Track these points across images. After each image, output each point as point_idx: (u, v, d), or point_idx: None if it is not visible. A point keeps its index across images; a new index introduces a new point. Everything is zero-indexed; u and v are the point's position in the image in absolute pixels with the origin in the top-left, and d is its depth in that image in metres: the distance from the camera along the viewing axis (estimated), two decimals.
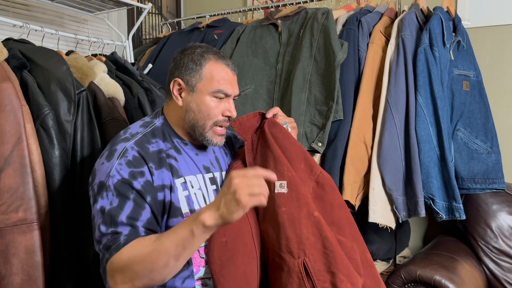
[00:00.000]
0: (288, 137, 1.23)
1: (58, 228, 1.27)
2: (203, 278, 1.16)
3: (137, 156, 1.09)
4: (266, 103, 1.94)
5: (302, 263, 1.07)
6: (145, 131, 1.17)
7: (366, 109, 1.78)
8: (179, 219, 1.11)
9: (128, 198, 1.04)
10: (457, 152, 1.80)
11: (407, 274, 1.65)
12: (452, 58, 1.85)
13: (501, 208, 1.89)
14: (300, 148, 1.22)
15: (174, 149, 1.18)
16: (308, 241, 1.08)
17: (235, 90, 1.19)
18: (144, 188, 1.06)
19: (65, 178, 1.30)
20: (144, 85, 1.73)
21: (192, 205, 1.15)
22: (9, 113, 1.16)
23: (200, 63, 1.16)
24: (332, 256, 1.07)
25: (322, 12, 1.93)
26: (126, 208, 1.02)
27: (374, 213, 1.67)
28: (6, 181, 1.15)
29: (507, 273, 1.84)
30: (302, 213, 1.11)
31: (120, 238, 0.99)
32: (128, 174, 1.06)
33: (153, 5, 2.85)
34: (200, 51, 1.18)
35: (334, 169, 1.72)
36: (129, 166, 1.07)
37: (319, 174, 1.20)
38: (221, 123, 1.18)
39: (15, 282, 1.13)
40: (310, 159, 1.22)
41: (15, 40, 1.53)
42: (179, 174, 1.15)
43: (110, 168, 1.07)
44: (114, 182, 1.05)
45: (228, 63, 1.19)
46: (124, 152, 1.09)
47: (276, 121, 1.26)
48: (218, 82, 1.15)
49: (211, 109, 1.15)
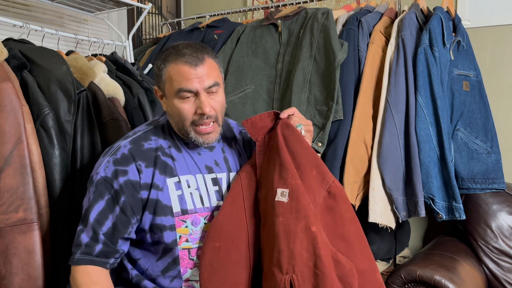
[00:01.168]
0: (301, 141, 1.15)
1: (58, 228, 1.27)
2: (190, 280, 1.16)
3: (126, 154, 1.13)
4: (266, 103, 1.94)
5: (289, 280, 1.00)
6: (147, 129, 1.21)
7: (366, 109, 1.78)
8: (169, 218, 1.13)
9: (102, 198, 1.10)
10: (457, 152, 1.80)
11: (407, 274, 1.65)
12: (452, 58, 1.85)
13: (501, 208, 1.89)
14: (312, 154, 1.15)
15: (174, 148, 1.19)
16: (300, 258, 1.01)
17: (201, 84, 1.10)
18: (122, 188, 1.10)
19: (65, 178, 1.30)
20: (144, 85, 1.73)
21: (184, 205, 1.15)
22: (9, 113, 1.17)
23: (161, 68, 1.14)
24: (321, 278, 0.99)
25: (322, 12, 1.93)
26: (97, 207, 1.10)
27: (374, 213, 1.67)
28: (6, 181, 1.15)
29: (507, 273, 1.84)
30: (299, 226, 1.03)
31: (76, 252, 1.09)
32: (111, 173, 1.11)
33: (153, 5, 2.85)
34: (164, 56, 1.14)
35: (334, 169, 1.72)
36: (115, 164, 1.12)
37: (331, 183, 1.12)
38: (199, 122, 1.12)
39: (15, 282, 1.13)
40: (322, 166, 1.14)
41: (15, 40, 1.53)
42: (174, 173, 1.15)
43: (99, 164, 1.14)
44: (97, 178, 1.12)
45: (187, 59, 1.10)
46: (116, 150, 1.15)
47: (290, 122, 1.17)
48: (176, 81, 1.10)
49: (181, 110, 1.12)
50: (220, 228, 1.12)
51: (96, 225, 1.09)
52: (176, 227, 1.13)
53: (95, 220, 1.09)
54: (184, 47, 1.13)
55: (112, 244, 1.10)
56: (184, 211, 1.14)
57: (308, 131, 1.21)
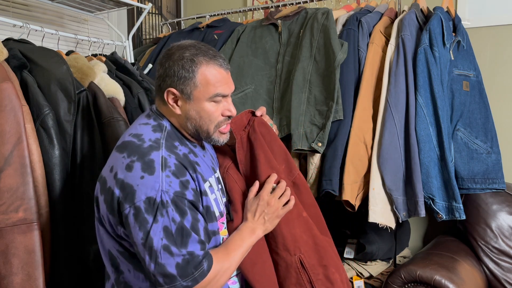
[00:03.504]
0: (275, 138, 1.29)
1: (58, 228, 1.27)
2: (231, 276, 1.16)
3: (177, 164, 1.04)
4: (266, 103, 1.94)
5: (299, 259, 1.20)
6: (164, 136, 1.10)
7: (366, 109, 1.78)
8: (215, 223, 1.11)
9: (186, 213, 1.00)
10: (457, 152, 1.80)
11: (407, 274, 1.66)
12: (452, 58, 1.85)
13: (501, 208, 1.89)
14: (283, 150, 1.30)
15: (192, 153, 1.13)
16: (302, 239, 1.21)
17: (231, 88, 1.14)
18: (195, 197, 1.03)
19: (65, 178, 1.30)
20: (144, 85, 1.73)
21: (219, 208, 1.15)
22: (9, 113, 1.16)
23: (192, 70, 1.07)
24: (323, 251, 1.22)
25: (322, 12, 1.93)
26: (186, 223, 0.99)
27: (374, 213, 1.67)
28: (6, 181, 1.15)
29: (507, 273, 1.84)
30: (293, 214, 1.22)
31: (202, 263, 0.99)
32: (179, 186, 1.01)
33: (153, 5, 2.85)
34: (189, 55, 1.08)
35: (334, 169, 1.72)
36: (176, 176, 1.01)
37: (296, 175, 1.30)
38: (223, 123, 1.15)
39: (15, 282, 1.13)
40: (290, 160, 1.31)
41: (15, 40, 1.53)
42: (204, 178, 1.11)
43: (160, 182, 0.98)
44: (171, 197, 0.98)
45: (220, 62, 1.11)
46: (164, 162, 1.02)
47: (265, 121, 1.29)
48: (214, 86, 1.08)
49: (212, 113, 1.11)
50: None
51: (197, 236, 1.00)
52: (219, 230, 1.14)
53: (193, 232, 1.00)
54: (209, 48, 1.12)
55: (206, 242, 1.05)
56: (221, 214, 1.16)
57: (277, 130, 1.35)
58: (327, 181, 1.72)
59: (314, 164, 1.79)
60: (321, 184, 1.73)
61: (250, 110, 1.30)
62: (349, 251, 2.03)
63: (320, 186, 1.75)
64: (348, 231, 2.11)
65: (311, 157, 1.79)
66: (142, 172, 0.99)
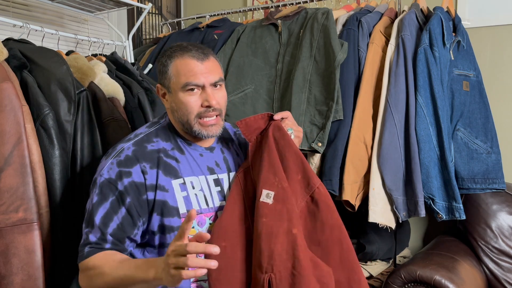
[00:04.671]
0: (290, 144, 1.17)
1: (58, 228, 1.27)
2: (198, 280, 1.16)
3: (130, 156, 1.13)
4: (266, 103, 1.94)
5: (268, 279, 1.04)
6: (148, 131, 1.21)
7: (366, 109, 1.78)
8: (176, 219, 1.13)
9: (107, 200, 1.10)
10: (457, 152, 1.80)
11: (407, 274, 1.65)
12: (452, 58, 1.85)
13: (501, 208, 1.89)
14: (300, 158, 1.17)
15: (177, 150, 1.20)
16: (280, 258, 1.05)
17: (207, 79, 1.14)
18: (127, 189, 1.11)
19: (65, 178, 1.30)
20: (144, 85, 1.73)
21: (190, 206, 1.16)
22: (9, 113, 1.16)
23: (167, 63, 1.17)
24: (299, 279, 1.03)
25: (322, 12, 1.93)
26: (102, 209, 1.10)
27: (374, 213, 1.67)
28: (6, 181, 1.15)
29: (507, 273, 1.84)
30: (282, 228, 1.07)
31: (85, 249, 1.09)
32: (115, 174, 1.11)
33: (153, 5, 2.85)
34: (169, 52, 1.18)
35: (334, 169, 1.72)
36: (119, 165, 1.12)
37: (315, 189, 1.15)
38: (203, 114, 1.15)
39: (15, 282, 1.13)
40: (309, 171, 1.16)
41: (15, 40, 1.53)
42: (178, 175, 1.16)
43: (102, 167, 1.14)
44: (101, 180, 1.12)
45: (194, 54, 1.15)
46: (119, 152, 1.15)
47: (281, 125, 1.19)
48: (185, 76, 1.14)
49: (187, 104, 1.14)
50: (226, 228, 1.13)
51: (103, 226, 1.09)
52: None
53: (101, 222, 1.09)
54: (189, 45, 1.18)
55: (120, 243, 1.11)
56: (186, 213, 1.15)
57: (297, 137, 1.25)
58: (327, 181, 1.72)
59: (314, 164, 1.79)
60: None
61: (268, 114, 1.22)
62: None
63: None
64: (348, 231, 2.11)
65: (311, 157, 1.79)
66: (104, 157, 1.18)
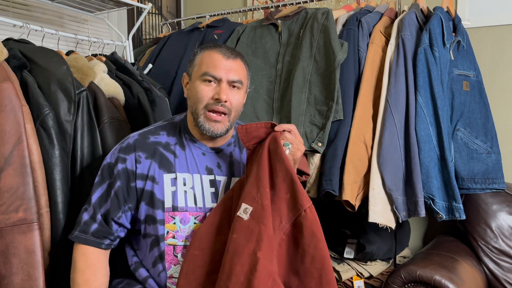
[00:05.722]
0: (282, 159, 1.08)
1: (58, 228, 1.27)
2: (173, 277, 1.18)
3: (130, 144, 1.22)
4: (266, 103, 1.94)
5: None
6: (160, 125, 1.29)
7: (366, 109, 1.78)
8: (160, 211, 1.17)
9: (104, 182, 1.21)
10: (457, 152, 1.80)
11: (407, 274, 1.65)
12: (452, 58, 1.85)
13: (501, 208, 1.89)
14: (290, 176, 1.07)
15: (179, 145, 1.23)
16: (236, 280, 0.99)
17: (226, 75, 1.17)
18: (119, 174, 1.19)
19: (65, 178, 1.30)
20: (144, 85, 1.73)
21: (176, 202, 1.18)
22: (9, 113, 1.16)
23: (196, 53, 1.23)
24: None
25: (322, 12, 1.93)
26: (100, 190, 1.21)
27: (374, 213, 1.67)
28: (6, 181, 1.15)
29: (507, 273, 1.84)
30: (247, 248, 1.01)
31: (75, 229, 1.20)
32: (115, 159, 1.21)
33: (153, 5, 2.85)
34: (203, 45, 1.24)
35: (334, 169, 1.72)
36: (119, 152, 1.21)
37: (302, 212, 1.04)
38: (211, 106, 1.16)
39: (15, 282, 1.13)
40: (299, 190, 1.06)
41: (15, 40, 1.53)
42: (172, 170, 1.19)
43: (112, 152, 1.24)
44: (104, 164, 1.23)
45: (222, 50, 1.19)
46: (126, 139, 1.24)
47: (279, 138, 1.11)
48: (206, 65, 1.18)
49: (200, 92, 1.17)
50: (201, 236, 1.13)
51: (97, 205, 1.20)
52: (165, 222, 1.17)
53: (97, 201, 1.20)
54: (223, 45, 1.24)
55: (106, 225, 1.19)
56: (175, 208, 1.17)
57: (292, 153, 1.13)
58: (327, 181, 1.72)
59: (314, 164, 1.79)
60: (321, 184, 1.73)
61: (271, 123, 1.15)
62: (349, 251, 2.02)
63: (320, 186, 1.74)
64: (348, 231, 2.11)
65: (311, 157, 1.79)
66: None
